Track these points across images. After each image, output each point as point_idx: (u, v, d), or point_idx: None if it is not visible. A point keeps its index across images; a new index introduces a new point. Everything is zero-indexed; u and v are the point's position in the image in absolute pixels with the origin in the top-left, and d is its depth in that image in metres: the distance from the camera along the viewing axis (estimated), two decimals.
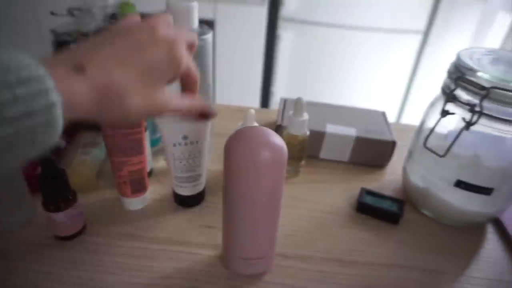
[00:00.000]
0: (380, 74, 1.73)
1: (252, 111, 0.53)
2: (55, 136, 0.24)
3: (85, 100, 0.26)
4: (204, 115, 0.36)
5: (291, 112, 0.56)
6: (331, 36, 1.73)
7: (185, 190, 0.50)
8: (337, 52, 1.75)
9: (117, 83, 0.27)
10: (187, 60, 0.32)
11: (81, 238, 0.46)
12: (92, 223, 0.48)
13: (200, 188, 0.51)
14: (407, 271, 0.45)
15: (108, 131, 0.45)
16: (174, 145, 0.46)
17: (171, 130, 0.45)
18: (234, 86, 1.82)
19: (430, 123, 0.49)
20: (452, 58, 0.49)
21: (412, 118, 0.78)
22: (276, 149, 0.34)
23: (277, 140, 0.35)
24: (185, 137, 0.45)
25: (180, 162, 0.47)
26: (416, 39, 1.64)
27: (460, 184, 0.47)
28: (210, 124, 0.47)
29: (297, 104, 0.55)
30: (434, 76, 1.63)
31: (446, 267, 0.46)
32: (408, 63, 1.70)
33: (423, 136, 0.50)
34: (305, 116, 0.55)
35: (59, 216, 0.43)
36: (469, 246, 0.49)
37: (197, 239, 0.47)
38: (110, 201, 0.52)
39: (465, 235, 0.51)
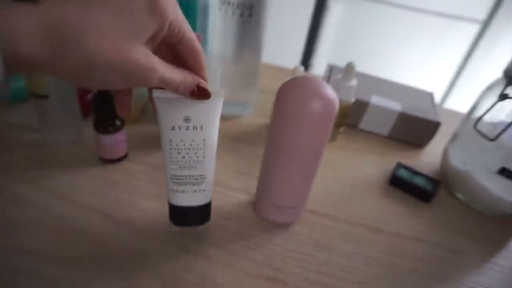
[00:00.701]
0: (429, 59, 1.67)
1: (301, 67, 0.52)
2: None
3: (32, 38, 0.21)
4: (197, 94, 0.30)
5: (339, 76, 0.55)
6: (383, 13, 1.66)
7: (183, 198, 0.37)
8: (386, 31, 1.69)
9: (76, 20, 0.22)
10: (176, 17, 0.26)
11: (123, 163, 0.49)
12: (134, 152, 0.50)
13: (203, 199, 0.38)
14: (432, 247, 0.45)
15: None
16: (173, 128, 0.34)
17: (170, 107, 0.33)
18: (275, 49, 1.79)
19: (483, 107, 0.48)
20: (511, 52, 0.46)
21: (456, 105, 0.75)
22: (328, 101, 0.34)
23: (330, 92, 0.35)
24: (187, 119, 0.34)
25: (178, 153, 0.35)
26: (473, 28, 1.55)
27: (504, 171, 0.46)
28: (220, 107, 0.34)
29: (348, 69, 0.54)
30: (488, 67, 1.56)
31: (472, 250, 0.46)
32: (460, 51, 1.62)
33: (473, 119, 0.48)
34: (354, 82, 0.55)
35: (107, 139, 0.45)
36: (498, 235, 0.49)
37: (231, 183, 0.49)
38: (152, 135, 0.54)
39: (495, 224, 0.50)
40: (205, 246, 0.40)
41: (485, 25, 1.52)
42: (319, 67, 1.83)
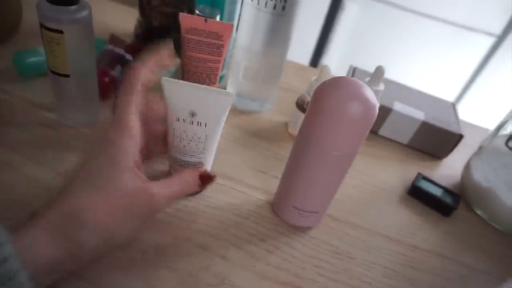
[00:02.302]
0: (440, 68, 1.66)
1: (329, 66, 0.51)
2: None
3: (45, 245, 0.27)
4: (204, 182, 0.36)
5: (367, 79, 0.54)
6: (397, 18, 1.65)
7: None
8: (399, 35, 1.68)
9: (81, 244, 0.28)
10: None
11: None
12: None
13: None
14: (451, 263, 0.44)
15: (187, 54, 0.44)
16: (177, 119, 0.36)
17: (177, 100, 0.35)
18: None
19: None
20: None
21: (464, 116, 0.73)
22: (369, 105, 0.33)
23: (371, 95, 0.33)
24: (192, 114, 0.35)
25: (180, 141, 0.37)
26: (488, 41, 1.54)
27: None
28: (227, 108, 0.36)
29: (377, 72, 0.52)
30: (501, 80, 1.55)
31: (492, 269, 0.45)
32: (472, 63, 1.61)
33: (503, 135, 0.47)
34: (381, 86, 0.53)
35: None
36: None
37: (250, 181, 0.47)
38: None
39: None
40: (222, 246, 0.38)
41: (500, 39, 1.51)
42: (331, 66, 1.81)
